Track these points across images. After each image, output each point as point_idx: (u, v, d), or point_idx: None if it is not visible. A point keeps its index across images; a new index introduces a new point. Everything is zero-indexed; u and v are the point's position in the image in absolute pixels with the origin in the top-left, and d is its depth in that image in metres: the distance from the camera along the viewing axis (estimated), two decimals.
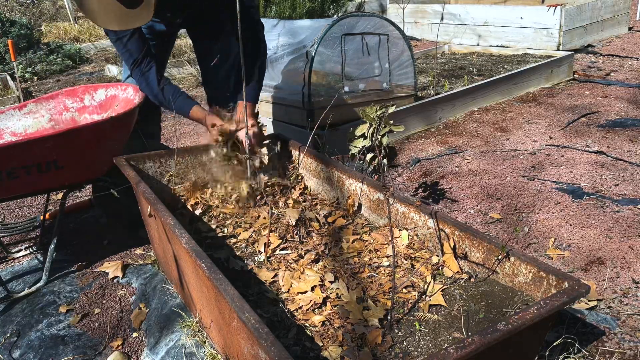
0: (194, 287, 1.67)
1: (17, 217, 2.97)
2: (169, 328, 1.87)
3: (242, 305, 1.16)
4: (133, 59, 2.14)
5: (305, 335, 1.37)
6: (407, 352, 1.28)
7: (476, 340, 1.03)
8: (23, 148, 2.02)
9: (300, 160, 2.24)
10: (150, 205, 1.70)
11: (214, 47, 2.50)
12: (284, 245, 1.78)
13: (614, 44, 5.83)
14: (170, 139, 4.16)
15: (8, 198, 2.22)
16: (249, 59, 2.14)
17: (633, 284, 1.99)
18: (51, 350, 1.86)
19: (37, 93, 6.07)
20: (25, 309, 2.10)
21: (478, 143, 3.47)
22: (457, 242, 1.54)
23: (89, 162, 2.24)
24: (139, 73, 2.16)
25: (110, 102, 2.63)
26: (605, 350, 1.67)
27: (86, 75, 6.85)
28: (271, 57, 3.52)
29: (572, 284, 1.21)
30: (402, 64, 3.61)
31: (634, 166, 2.92)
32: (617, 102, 4.00)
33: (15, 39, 7.04)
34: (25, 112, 2.58)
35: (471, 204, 2.68)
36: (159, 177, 2.15)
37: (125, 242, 2.56)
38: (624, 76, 4.66)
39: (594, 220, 2.44)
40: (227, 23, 2.37)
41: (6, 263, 2.49)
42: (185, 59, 6.35)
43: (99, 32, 9.59)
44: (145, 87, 2.20)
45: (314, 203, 2.05)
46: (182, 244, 1.45)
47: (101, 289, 2.22)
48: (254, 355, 1.22)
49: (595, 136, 3.39)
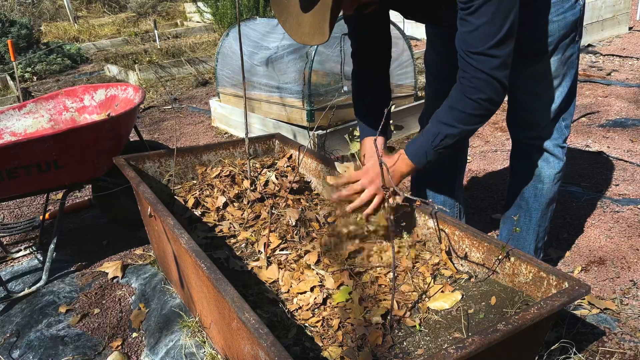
0: (194, 287, 1.66)
1: (17, 217, 2.97)
2: (169, 328, 1.87)
3: (242, 305, 1.15)
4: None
5: (305, 335, 1.37)
6: (407, 352, 1.28)
7: (476, 340, 1.03)
8: (23, 148, 2.02)
9: (300, 160, 2.24)
10: (150, 206, 1.70)
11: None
12: (284, 245, 1.78)
13: (614, 44, 5.83)
14: (170, 139, 4.16)
15: (8, 198, 2.22)
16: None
17: (633, 284, 1.99)
18: (51, 350, 1.86)
19: (36, 93, 6.07)
20: (25, 309, 2.09)
21: (478, 143, 3.47)
22: (457, 242, 1.54)
23: (88, 162, 2.24)
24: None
25: (110, 102, 2.63)
26: (606, 350, 1.67)
27: (86, 75, 6.85)
28: (271, 56, 3.52)
29: (572, 284, 1.21)
30: (402, 63, 3.61)
31: (634, 166, 2.92)
32: (618, 101, 3.99)
33: (14, 39, 7.04)
34: (25, 112, 2.57)
35: (471, 204, 2.67)
36: (158, 177, 2.15)
37: (125, 242, 2.56)
38: (624, 76, 4.66)
39: (594, 220, 2.44)
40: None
41: (6, 263, 2.48)
42: (185, 59, 6.35)
43: (98, 32, 9.60)
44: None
45: (314, 203, 2.05)
46: (182, 244, 1.44)
47: (101, 289, 2.22)
48: (253, 355, 1.22)
49: (596, 136, 3.39)
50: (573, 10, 1.56)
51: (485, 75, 1.34)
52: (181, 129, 4.41)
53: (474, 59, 1.34)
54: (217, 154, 2.26)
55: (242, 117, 3.52)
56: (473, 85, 1.37)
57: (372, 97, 1.76)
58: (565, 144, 1.75)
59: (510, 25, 1.30)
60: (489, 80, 1.35)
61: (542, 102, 1.68)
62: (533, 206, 1.82)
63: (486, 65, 1.33)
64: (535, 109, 1.69)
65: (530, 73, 1.64)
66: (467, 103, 1.39)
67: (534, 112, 1.70)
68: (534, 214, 1.83)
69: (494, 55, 1.32)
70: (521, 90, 1.69)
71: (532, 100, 1.69)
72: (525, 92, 1.68)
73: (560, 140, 1.74)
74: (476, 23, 1.30)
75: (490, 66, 1.33)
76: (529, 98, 1.68)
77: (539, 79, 1.65)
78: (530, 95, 1.68)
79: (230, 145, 2.28)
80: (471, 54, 1.34)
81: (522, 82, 1.66)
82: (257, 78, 3.64)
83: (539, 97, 1.67)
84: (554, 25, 1.56)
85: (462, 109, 1.41)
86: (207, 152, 2.24)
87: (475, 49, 1.33)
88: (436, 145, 1.45)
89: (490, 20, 1.29)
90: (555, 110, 1.68)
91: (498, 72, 1.34)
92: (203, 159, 2.23)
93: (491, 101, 1.38)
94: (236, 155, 2.29)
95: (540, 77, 1.65)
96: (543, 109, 1.68)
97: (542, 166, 1.76)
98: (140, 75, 5.90)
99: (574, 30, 1.59)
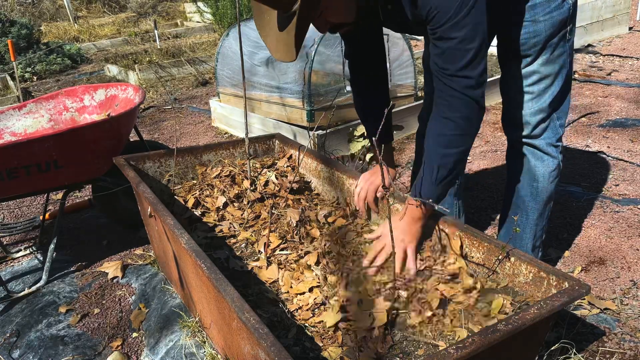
0: (194, 287, 1.66)
1: (17, 217, 2.97)
2: (169, 328, 1.87)
3: (242, 305, 1.15)
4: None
5: (305, 335, 1.37)
6: (407, 352, 1.28)
7: (476, 340, 1.03)
8: (23, 148, 2.02)
9: (300, 160, 2.24)
10: (150, 206, 1.70)
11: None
12: (284, 245, 1.78)
13: (614, 44, 5.83)
14: (170, 139, 4.16)
15: (8, 198, 2.22)
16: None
17: (633, 284, 1.99)
18: (51, 350, 1.86)
19: (36, 93, 6.07)
20: (25, 309, 2.09)
21: (478, 143, 3.47)
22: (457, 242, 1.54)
23: (88, 162, 2.24)
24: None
25: (110, 102, 2.63)
26: (606, 350, 1.67)
27: (86, 75, 6.85)
28: (271, 57, 3.52)
29: (572, 284, 1.21)
30: (403, 63, 3.61)
31: (634, 166, 2.92)
32: (618, 102, 3.99)
33: (14, 39, 7.04)
34: (25, 112, 2.58)
35: (471, 204, 2.67)
36: (158, 177, 2.15)
37: (125, 242, 2.56)
38: (625, 76, 4.66)
39: (594, 220, 2.44)
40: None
41: (6, 263, 2.48)
42: (185, 59, 6.35)
43: (98, 32, 9.60)
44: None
45: (314, 203, 2.05)
46: (182, 244, 1.44)
47: (101, 289, 2.22)
48: (253, 355, 1.22)
49: (596, 136, 3.39)
50: (560, 10, 1.57)
51: (460, 94, 1.37)
52: (181, 129, 4.41)
53: (447, 79, 1.37)
54: (217, 154, 2.26)
55: (242, 117, 3.52)
56: (448, 104, 1.40)
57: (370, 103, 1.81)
58: (559, 143, 1.76)
59: (479, 45, 1.33)
60: (464, 98, 1.37)
61: (533, 101, 1.69)
62: (530, 205, 1.83)
63: (459, 85, 1.36)
64: (527, 109, 1.71)
65: (520, 72, 1.66)
66: (445, 124, 1.42)
67: (526, 111, 1.71)
68: (530, 213, 1.84)
69: (466, 75, 1.35)
70: (513, 90, 1.71)
71: (524, 100, 1.70)
72: (517, 91, 1.70)
73: (553, 139, 1.74)
74: (444, 47, 1.34)
75: (463, 85, 1.36)
76: (520, 97, 1.70)
77: (530, 78, 1.66)
78: (522, 95, 1.69)
79: (230, 145, 2.28)
80: (444, 75, 1.37)
81: (514, 82, 1.69)
82: (257, 78, 3.64)
83: (530, 96, 1.69)
84: (541, 25, 1.58)
85: (441, 132, 1.43)
86: (207, 152, 2.24)
87: (447, 71, 1.36)
88: (436, 180, 1.46)
89: (458, 43, 1.32)
90: (548, 109, 1.69)
91: (472, 91, 1.37)
92: (203, 159, 2.23)
93: (468, 120, 1.40)
94: (236, 155, 2.29)
95: (530, 76, 1.66)
96: (535, 108, 1.70)
97: (537, 165, 1.77)
98: (140, 75, 5.90)
99: (563, 29, 1.60)
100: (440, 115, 1.42)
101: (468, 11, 1.28)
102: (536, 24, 1.58)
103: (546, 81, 1.66)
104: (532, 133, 1.73)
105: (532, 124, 1.72)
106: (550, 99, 1.67)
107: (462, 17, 1.29)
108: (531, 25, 1.58)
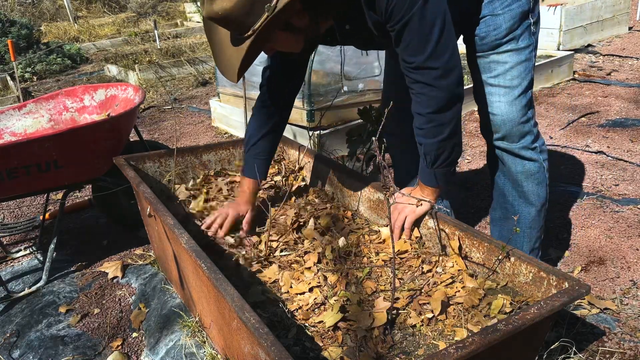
0: (194, 287, 1.66)
1: (17, 217, 2.97)
2: (169, 328, 1.87)
3: (242, 305, 1.15)
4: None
5: (305, 335, 1.37)
6: (407, 352, 1.28)
7: (476, 340, 1.03)
8: (23, 148, 2.02)
9: (300, 160, 2.24)
10: (150, 206, 1.70)
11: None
12: (284, 246, 1.78)
13: (614, 44, 5.83)
14: (170, 139, 4.16)
15: (8, 198, 2.22)
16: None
17: (633, 284, 1.99)
18: (51, 350, 1.86)
19: (36, 93, 6.07)
20: (25, 309, 2.09)
21: (478, 143, 3.47)
22: (457, 242, 1.54)
23: (88, 162, 2.24)
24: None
25: (110, 102, 2.63)
26: (606, 350, 1.67)
27: (86, 75, 6.85)
28: None
29: (572, 284, 1.21)
30: None
31: (634, 166, 2.92)
32: (617, 101, 3.99)
33: (14, 39, 7.04)
34: (25, 112, 2.58)
35: (471, 203, 2.68)
36: (158, 177, 2.15)
37: (125, 242, 2.56)
38: (624, 76, 4.66)
39: (594, 220, 2.44)
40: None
41: (6, 263, 2.48)
42: (185, 59, 6.35)
43: (98, 32, 9.60)
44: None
45: (314, 203, 2.05)
46: (182, 244, 1.45)
47: (101, 289, 2.22)
48: (254, 355, 1.22)
49: (596, 136, 3.39)
50: (519, 2, 1.57)
51: (429, 88, 1.38)
52: (181, 129, 4.41)
53: (415, 73, 1.39)
54: (217, 154, 2.26)
55: (242, 117, 3.52)
56: (419, 100, 1.42)
57: (265, 126, 1.91)
58: (536, 144, 1.71)
59: (439, 33, 1.34)
60: (433, 90, 1.38)
61: (502, 101, 1.66)
62: (518, 209, 1.80)
63: (427, 78, 1.37)
64: (496, 109, 1.67)
65: (487, 68, 1.66)
66: (420, 120, 1.45)
67: (496, 112, 1.68)
68: (523, 218, 1.80)
69: (432, 67, 1.36)
70: (483, 89, 1.69)
71: (493, 99, 1.68)
72: (487, 92, 1.68)
73: (528, 141, 1.70)
74: (406, 40, 1.35)
75: (431, 77, 1.37)
76: (489, 97, 1.68)
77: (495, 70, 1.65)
78: (492, 95, 1.67)
79: (230, 145, 2.28)
80: (411, 69, 1.39)
81: (481, 84, 1.68)
82: (257, 78, 3.63)
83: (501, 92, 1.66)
84: (500, 19, 1.58)
85: (419, 126, 1.47)
86: (207, 152, 2.24)
87: (413, 64, 1.37)
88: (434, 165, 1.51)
89: (417, 34, 1.33)
90: (519, 105, 1.65)
91: (441, 81, 1.37)
92: (203, 159, 2.23)
93: (439, 111, 1.42)
94: (236, 156, 2.29)
95: (496, 67, 1.64)
96: (504, 109, 1.66)
97: (518, 170, 1.74)
98: (140, 75, 5.90)
99: (525, 20, 1.60)
100: (416, 112, 1.46)
101: (425, 1, 1.30)
102: (495, 17, 1.59)
103: (513, 72, 1.63)
104: (506, 136, 1.69)
105: (503, 127, 1.68)
106: (519, 92, 1.64)
107: (419, 7, 1.30)
108: (491, 19, 1.59)
